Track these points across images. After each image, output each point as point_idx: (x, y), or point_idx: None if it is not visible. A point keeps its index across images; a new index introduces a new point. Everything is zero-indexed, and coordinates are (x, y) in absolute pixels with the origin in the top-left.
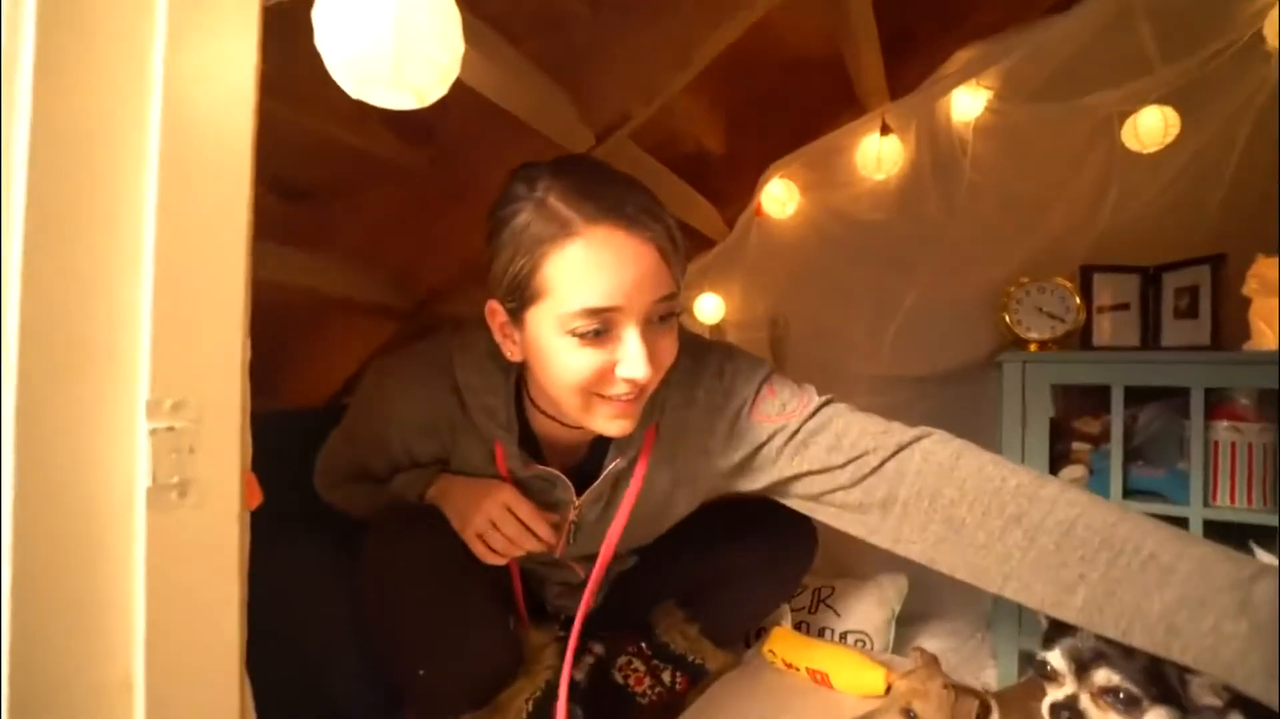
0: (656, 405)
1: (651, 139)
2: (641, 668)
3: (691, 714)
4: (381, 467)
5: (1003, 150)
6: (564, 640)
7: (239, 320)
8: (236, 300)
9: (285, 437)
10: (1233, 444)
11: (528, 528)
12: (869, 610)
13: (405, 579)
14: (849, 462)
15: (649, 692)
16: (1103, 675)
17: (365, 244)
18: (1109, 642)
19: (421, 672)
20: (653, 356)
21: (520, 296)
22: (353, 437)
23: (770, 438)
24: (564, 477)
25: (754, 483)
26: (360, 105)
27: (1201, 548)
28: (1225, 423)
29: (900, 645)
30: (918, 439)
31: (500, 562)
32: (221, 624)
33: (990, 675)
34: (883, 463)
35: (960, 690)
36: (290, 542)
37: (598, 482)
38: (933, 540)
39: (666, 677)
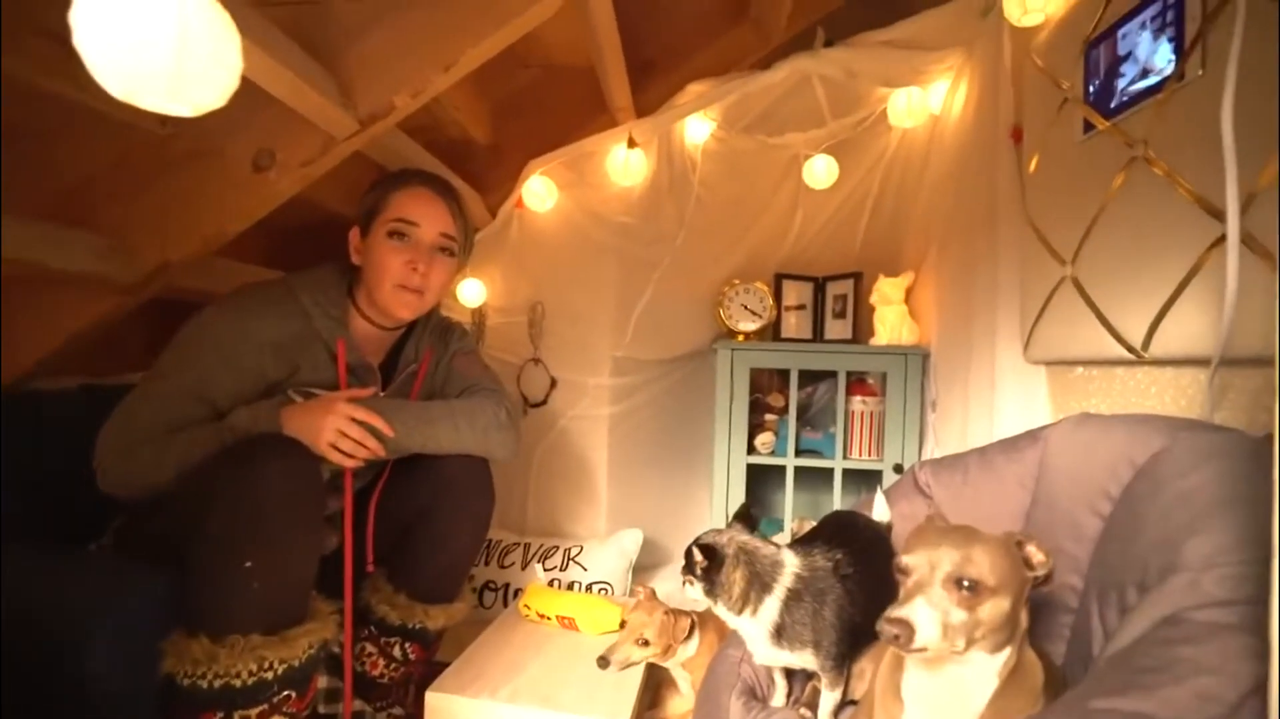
0: (426, 340)
1: (415, 123)
2: (374, 650)
3: (455, 670)
4: (226, 396)
5: (722, 173)
6: (341, 614)
7: None
8: None
9: None
10: (862, 413)
11: (368, 429)
12: (611, 562)
13: (279, 481)
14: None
15: (386, 671)
16: None
17: (71, 205)
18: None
19: (249, 564)
20: (429, 266)
21: (370, 215)
22: (183, 380)
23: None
24: (375, 369)
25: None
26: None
27: None
28: (859, 397)
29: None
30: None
31: (354, 464)
32: None
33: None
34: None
35: (676, 614)
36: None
37: (399, 378)
38: None
39: (397, 651)
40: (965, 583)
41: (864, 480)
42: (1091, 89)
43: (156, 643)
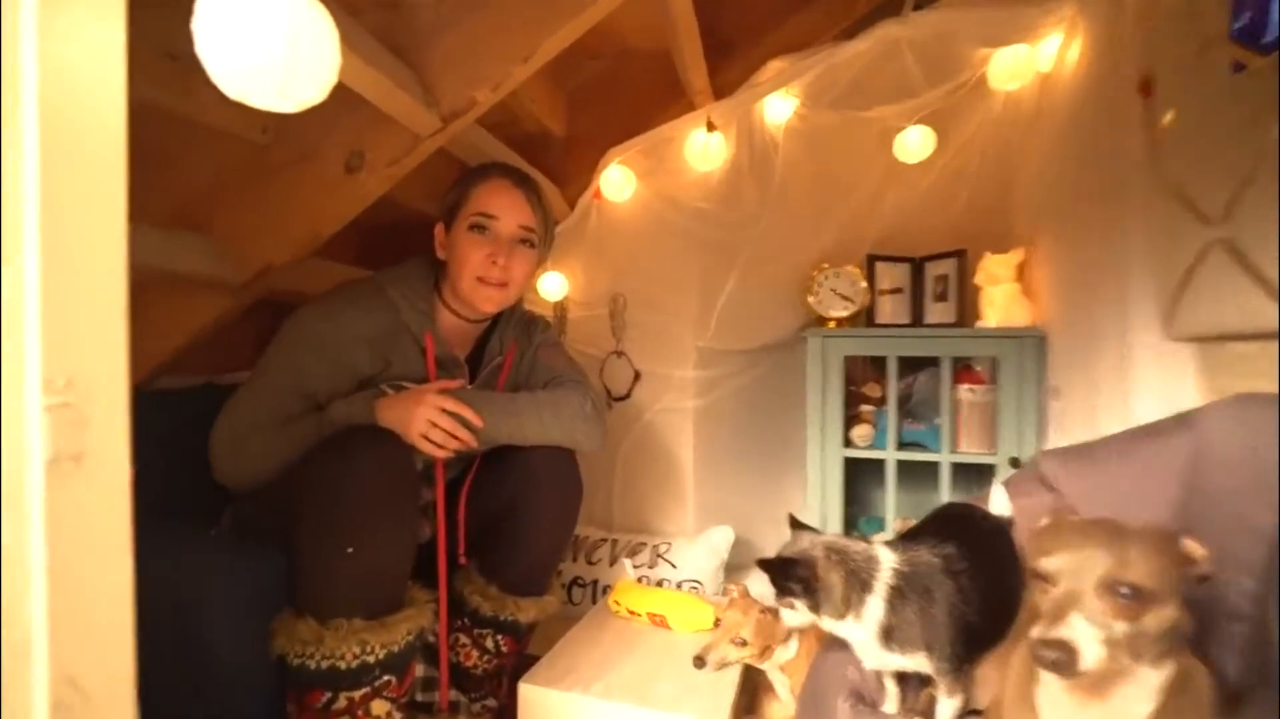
0: (510, 334)
1: (493, 118)
2: (468, 642)
3: (547, 664)
4: (324, 391)
5: (807, 152)
6: (437, 603)
7: (120, 299)
8: (118, 279)
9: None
10: (970, 403)
11: (457, 420)
12: (701, 560)
13: (375, 471)
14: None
15: (479, 662)
16: None
17: (186, 213)
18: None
19: (350, 549)
20: (510, 258)
21: (452, 211)
22: (283, 377)
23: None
24: (462, 362)
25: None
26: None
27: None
28: (966, 386)
29: None
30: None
31: (445, 454)
32: (116, 584)
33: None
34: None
35: (772, 613)
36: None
37: (485, 371)
38: None
39: (490, 643)
40: (1124, 589)
41: (975, 476)
42: (1240, 23)
43: (269, 621)
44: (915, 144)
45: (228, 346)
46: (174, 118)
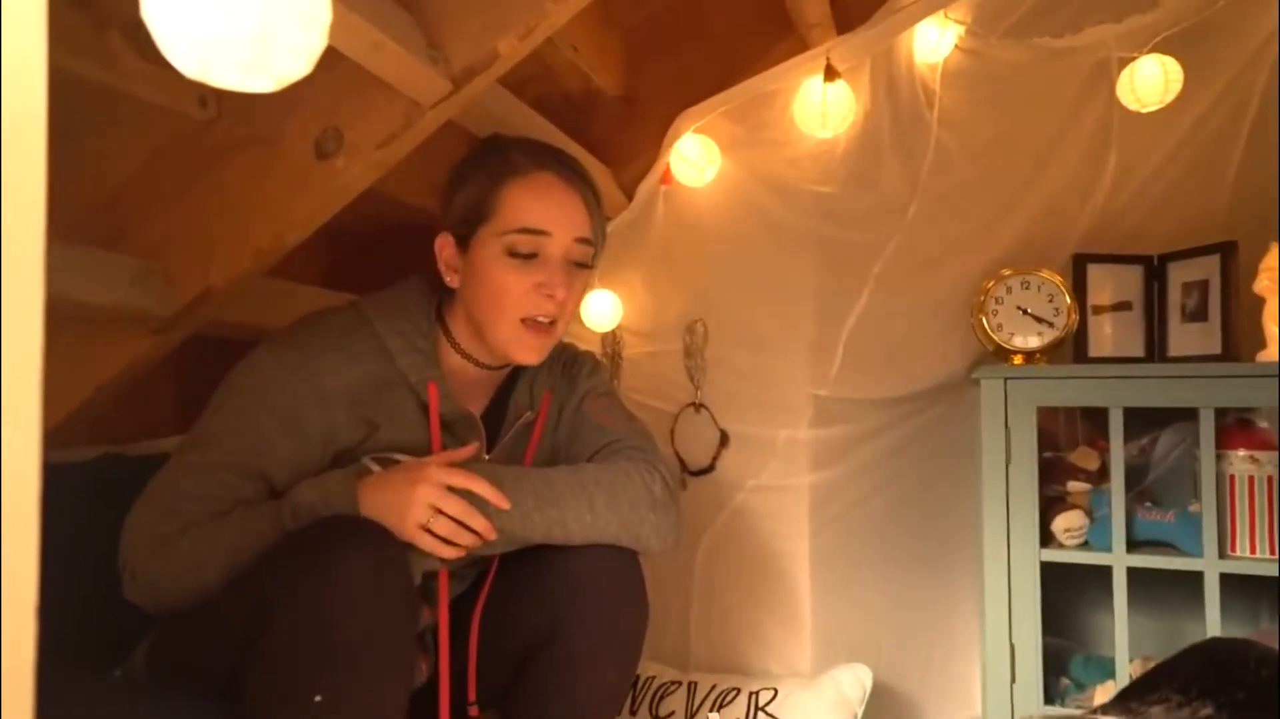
0: (544, 379)
1: (520, 75)
2: None
3: None
4: (285, 469)
5: (978, 103)
6: None
7: (35, 348)
8: (32, 319)
9: None
10: (1250, 478)
11: (472, 501)
12: (822, 715)
13: (357, 584)
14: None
15: None
16: None
17: (93, 219)
18: None
19: (319, 698)
20: (568, 289)
21: (471, 220)
22: (230, 449)
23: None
24: (478, 421)
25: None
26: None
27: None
28: (1243, 452)
29: None
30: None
31: (454, 554)
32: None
33: None
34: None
35: None
36: None
37: (509, 433)
38: None
39: None
40: None
41: (1261, 595)
42: None
43: None
44: (1151, 83)
45: (139, 404)
46: (74, 86)
